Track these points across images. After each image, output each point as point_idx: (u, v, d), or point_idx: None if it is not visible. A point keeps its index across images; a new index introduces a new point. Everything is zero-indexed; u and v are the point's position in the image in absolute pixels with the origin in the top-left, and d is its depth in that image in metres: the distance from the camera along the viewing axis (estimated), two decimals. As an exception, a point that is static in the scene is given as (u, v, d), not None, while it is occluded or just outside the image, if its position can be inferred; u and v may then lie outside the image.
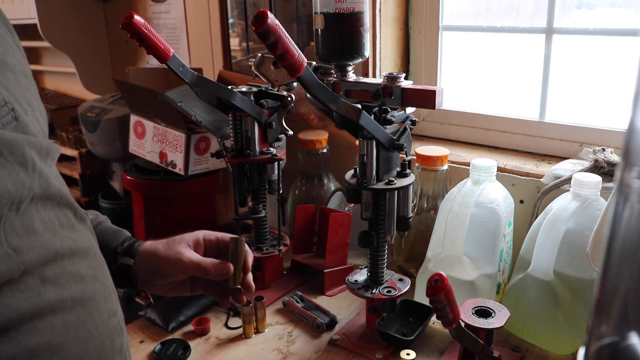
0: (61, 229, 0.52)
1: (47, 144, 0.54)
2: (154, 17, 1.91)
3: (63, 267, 0.51)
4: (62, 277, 0.50)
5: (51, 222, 0.51)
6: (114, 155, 1.82)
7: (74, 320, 0.50)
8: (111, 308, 0.57)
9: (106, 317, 0.55)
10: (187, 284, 0.83)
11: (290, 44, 0.69)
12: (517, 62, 1.27)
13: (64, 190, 0.55)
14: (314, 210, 1.21)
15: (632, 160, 0.33)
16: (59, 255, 0.51)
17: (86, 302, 0.52)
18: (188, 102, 1.22)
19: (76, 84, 2.19)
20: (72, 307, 0.50)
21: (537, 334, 0.93)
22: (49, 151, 0.54)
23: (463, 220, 0.96)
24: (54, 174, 0.55)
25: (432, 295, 0.66)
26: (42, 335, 0.47)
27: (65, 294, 0.50)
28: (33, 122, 0.54)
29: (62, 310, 0.49)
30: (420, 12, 1.34)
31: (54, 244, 0.50)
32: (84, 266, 0.54)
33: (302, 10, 1.48)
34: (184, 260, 0.77)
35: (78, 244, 0.54)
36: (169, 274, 0.78)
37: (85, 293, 0.53)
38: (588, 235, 0.86)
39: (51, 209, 0.52)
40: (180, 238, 0.81)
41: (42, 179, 0.51)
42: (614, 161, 0.96)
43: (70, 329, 0.50)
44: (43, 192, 0.51)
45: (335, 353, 0.95)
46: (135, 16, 0.80)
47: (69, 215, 0.55)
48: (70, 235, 0.54)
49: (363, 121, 0.80)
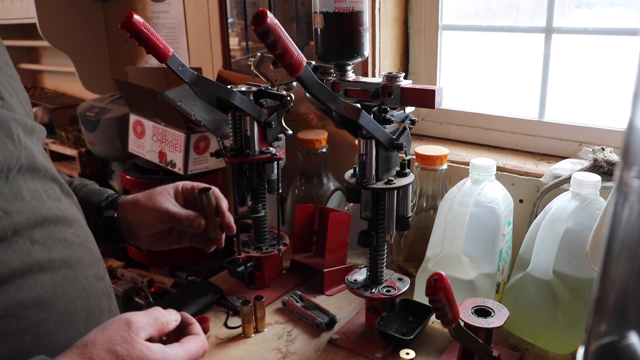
0: (48, 199, 0.57)
1: (31, 122, 0.58)
2: (154, 16, 1.91)
3: (50, 232, 0.55)
4: (49, 240, 0.54)
5: (38, 192, 0.56)
6: (114, 155, 1.82)
7: (61, 279, 0.54)
8: (98, 273, 0.60)
9: (93, 280, 0.58)
10: (173, 237, 0.84)
11: (289, 43, 0.69)
12: (517, 61, 1.27)
13: (49, 166, 0.59)
14: (314, 210, 1.21)
15: (631, 159, 0.33)
16: (46, 220, 0.55)
17: (73, 264, 0.56)
18: (187, 102, 1.22)
19: (75, 84, 2.19)
20: (59, 268, 0.54)
21: (537, 333, 0.93)
22: (33, 129, 0.58)
23: (462, 219, 0.96)
24: (39, 151, 0.59)
25: (431, 294, 0.66)
26: (32, 290, 0.51)
27: (52, 255, 0.54)
28: (17, 104, 0.58)
29: (50, 270, 0.53)
30: (420, 12, 1.34)
31: (42, 211, 0.55)
32: (70, 233, 0.58)
33: (301, 9, 1.48)
34: (161, 209, 0.78)
35: (64, 213, 0.58)
36: (149, 223, 0.79)
37: (71, 256, 0.56)
38: (587, 234, 0.86)
39: (38, 181, 0.56)
40: (162, 188, 0.82)
41: (28, 152, 0.55)
42: (613, 160, 0.96)
43: (59, 287, 0.53)
44: (29, 165, 0.55)
45: (335, 352, 0.95)
46: (134, 15, 0.80)
47: (55, 189, 0.59)
48: (57, 205, 0.58)
49: (362, 121, 0.80)
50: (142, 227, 0.80)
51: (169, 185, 0.83)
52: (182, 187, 0.83)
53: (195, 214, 0.78)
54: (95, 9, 2.12)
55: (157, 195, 0.80)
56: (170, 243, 0.84)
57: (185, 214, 0.78)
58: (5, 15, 2.16)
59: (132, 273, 1.46)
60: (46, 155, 0.62)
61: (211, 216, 0.79)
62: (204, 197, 0.79)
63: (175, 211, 0.78)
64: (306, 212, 1.21)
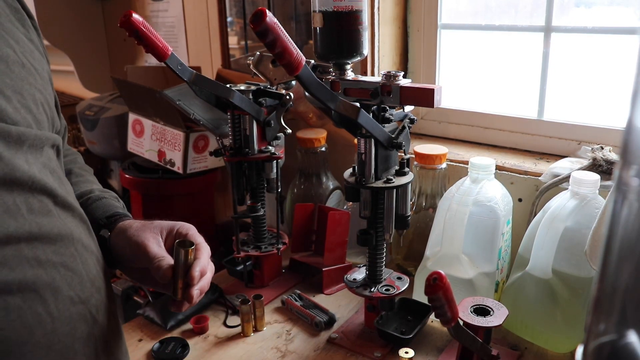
0: (28, 214, 0.53)
1: (22, 131, 0.54)
2: (153, 15, 1.91)
3: (17, 250, 0.51)
4: (13, 259, 0.50)
5: (16, 206, 0.52)
6: (113, 154, 1.82)
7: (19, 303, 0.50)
8: (78, 295, 0.56)
9: (67, 304, 0.54)
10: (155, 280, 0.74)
11: (288, 42, 0.68)
12: (516, 60, 1.27)
13: (38, 178, 0.55)
14: (313, 209, 1.21)
15: (630, 158, 0.33)
16: (13, 238, 0.51)
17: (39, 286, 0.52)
18: (187, 101, 1.22)
19: (75, 83, 2.18)
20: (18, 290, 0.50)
21: (536, 332, 0.93)
22: (23, 137, 0.54)
23: (461, 218, 0.96)
24: (32, 161, 0.55)
25: (430, 293, 0.66)
26: None
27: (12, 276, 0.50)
28: (17, 108, 0.54)
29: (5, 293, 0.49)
30: (419, 11, 1.34)
31: (8, 227, 0.51)
32: (49, 252, 0.54)
33: (300, 8, 1.48)
34: (141, 247, 0.70)
35: (46, 229, 0.54)
36: (126, 255, 0.72)
37: (39, 277, 0.52)
38: (586, 233, 0.86)
39: (19, 194, 0.52)
40: (159, 224, 0.75)
41: (3, 163, 0.51)
42: (612, 159, 0.96)
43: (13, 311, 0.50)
44: (4, 176, 0.51)
45: (334, 351, 0.95)
46: (133, 14, 0.79)
47: (45, 202, 0.55)
48: (40, 221, 0.54)
49: (362, 119, 0.80)
50: (126, 258, 0.73)
51: (166, 223, 0.76)
52: (176, 231, 0.75)
53: (168, 265, 0.69)
54: (94, 8, 2.12)
55: (146, 231, 0.73)
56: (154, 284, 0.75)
57: (158, 260, 0.69)
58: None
59: (131, 272, 1.46)
60: (49, 165, 0.58)
61: (181, 274, 0.69)
62: (181, 251, 0.69)
63: (152, 253, 0.69)
64: (305, 211, 1.21)
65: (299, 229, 1.21)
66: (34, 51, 0.62)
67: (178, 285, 0.69)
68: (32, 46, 0.62)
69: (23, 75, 0.58)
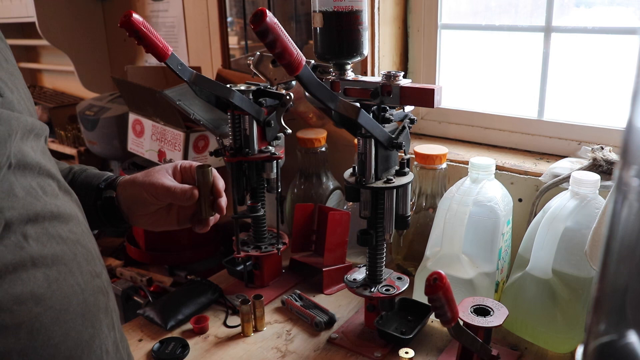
0: (44, 195, 0.57)
1: (32, 120, 0.58)
2: (153, 15, 1.91)
3: (44, 228, 0.55)
4: (43, 236, 0.54)
5: (33, 189, 0.56)
6: (113, 154, 1.82)
7: (55, 275, 0.54)
8: (94, 270, 0.60)
9: (89, 277, 0.58)
10: (172, 217, 0.84)
11: (288, 42, 0.68)
12: (516, 60, 1.27)
13: (43, 163, 0.59)
14: (313, 209, 1.21)
15: (630, 158, 0.33)
16: (39, 216, 0.55)
17: (67, 261, 0.56)
18: (187, 101, 1.22)
19: (75, 83, 2.19)
20: (53, 264, 0.54)
21: (536, 332, 0.93)
22: (32, 127, 0.59)
23: (461, 218, 0.96)
24: (37, 148, 0.59)
25: (430, 293, 0.66)
26: (26, 285, 0.51)
27: (46, 251, 0.54)
28: (19, 100, 0.59)
29: (44, 265, 0.53)
30: (419, 11, 1.34)
31: (35, 207, 0.55)
32: (66, 230, 0.58)
33: (300, 8, 1.48)
34: (157, 184, 0.79)
35: (60, 210, 0.58)
36: (146, 200, 0.80)
37: (66, 253, 0.56)
38: (586, 233, 0.86)
39: (32, 178, 0.56)
40: (161, 167, 0.84)
41: (17, 149, 0.55)
42: (612, 159, 0.96)
43: (53, 282, 0.53)
44: (18, 162, 0.55)
45: (334, 351, 0.95)
46: (133, 14, 0.79)
47: (53, 185, 0.59)
48: (54, 202, 0.58)
49: (362, 120, 0.80)
50: (139, 205, 0.81)
51: (168, 164, 0.84)
52: (180, 166, 0.84)
53: (190, 186, 0.79)
54: (95, 8, 2.12)
55: (154, 173, 0.81)
56: (170, 223, 0.84)
57: (180, 187, 0.79)
58: (5, 14, 2.16)
59: (131, 272, 1.46)
60: (46, 152, 0.63)
61: (205, 193, 0.80)
62: (201, 172, 0.79)
63: (171, 185, 0.79)
64: (305, 211, 1.21)
65: (299, 229, 1.21)
66: (5, 46, 0.65)
67: (205, 203, 0.79)
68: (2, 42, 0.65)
69: (11, 70, 0.61)
